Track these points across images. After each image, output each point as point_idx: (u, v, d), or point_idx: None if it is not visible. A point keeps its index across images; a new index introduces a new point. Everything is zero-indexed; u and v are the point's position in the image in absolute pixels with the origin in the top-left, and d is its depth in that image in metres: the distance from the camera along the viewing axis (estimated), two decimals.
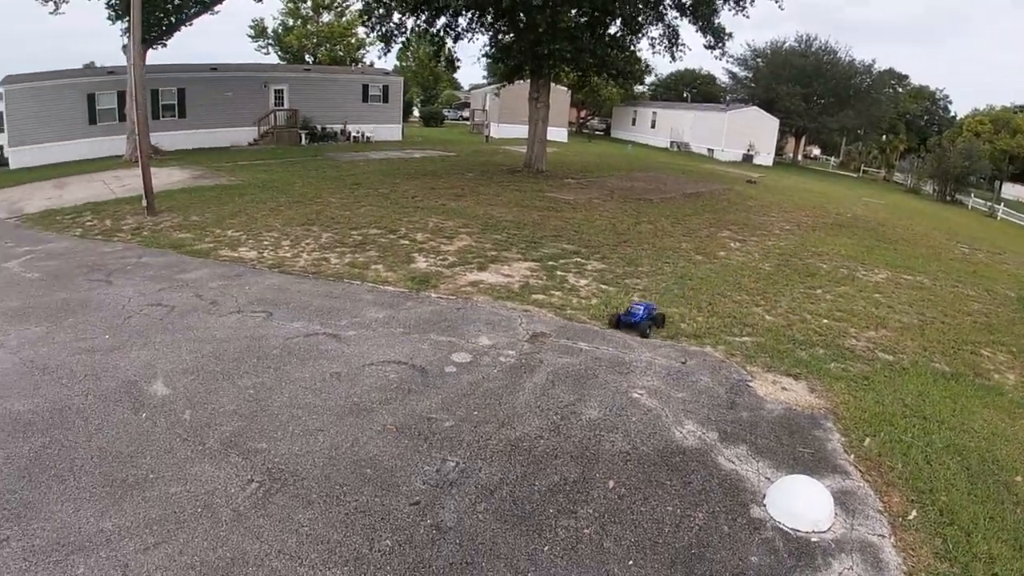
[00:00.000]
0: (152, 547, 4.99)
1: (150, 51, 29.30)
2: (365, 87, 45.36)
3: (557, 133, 37.98)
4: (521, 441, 6.20)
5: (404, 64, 70.41)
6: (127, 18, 28.12)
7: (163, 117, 36.20)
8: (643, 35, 27.70)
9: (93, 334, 9.25)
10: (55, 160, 33.43)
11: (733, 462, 5.96)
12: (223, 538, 5.01)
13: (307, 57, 64.57)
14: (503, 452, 6.01)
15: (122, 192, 22.24)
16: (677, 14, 26.34)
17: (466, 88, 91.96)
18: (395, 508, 5.23)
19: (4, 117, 35.15)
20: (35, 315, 10.24)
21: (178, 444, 6.33)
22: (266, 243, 13.92)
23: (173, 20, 32.07)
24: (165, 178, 21.98)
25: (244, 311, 9.76)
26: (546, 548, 4.82)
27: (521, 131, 44.37)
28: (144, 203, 17.66)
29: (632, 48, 28.28)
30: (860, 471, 6.05)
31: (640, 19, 26.63)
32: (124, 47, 31.31)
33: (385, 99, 46.08)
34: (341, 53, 66.36)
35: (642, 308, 9.12)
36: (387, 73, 49.25)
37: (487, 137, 50.69)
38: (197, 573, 4.70)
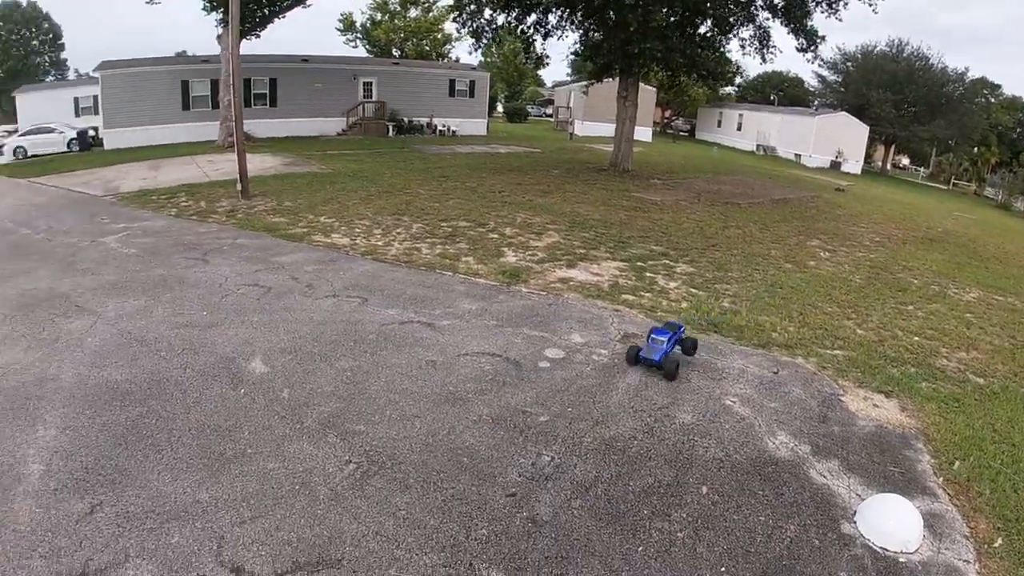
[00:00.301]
0: (249, 520, 5.04)
1: (243, 41, 30.08)
2: (452, 82, 45.71)
3: (642, 132, 37.54)
4: (615, 441, 6.10)
5: (489, 60, 70.61)
6: (222, 9, 28.97)
7: (255, 105, 37.22)
8: (734, 36, 27.19)
9: (191, 310, 9.48)
10: (148, 143, 34.78)
11: (824, 476, 5.76)
12: (320, 516, 5.04)
13: (394, 51, 65.46)
14: (597, 450, 5.92)
15: (216, 176, 22.86)
16: (769, 15, 25.73)
17: (549, 85, 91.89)
18: (491, 498, 5.20)
19: (100, 100, 36.91)
20: (132, 289, 10.54)
21: (276, 421, 6.40)
22: (358, 231, 14.08)
23: (267, 12, 32.85)
24: (258, 164, 22.52)
25: (339, 295, 9.88)
26: (640, 549, 4.73)
27: (605, 129, 44.02)
28: (239, 187, 18.13)
29: (722, 49, 27.80)
30: (948, 494, 5.79)
31: (731, 20, 26.12)
32: (219, 37, 32.21)
33: (471, 94, 46.36)
34: (427, 48, 67.04)
35: (666, 338, 7.55)
36: (474, 68, 49.49)
37: (571, 135, 50.45)
38: (293, 549, 4.73)
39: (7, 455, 6.19)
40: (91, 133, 37.65)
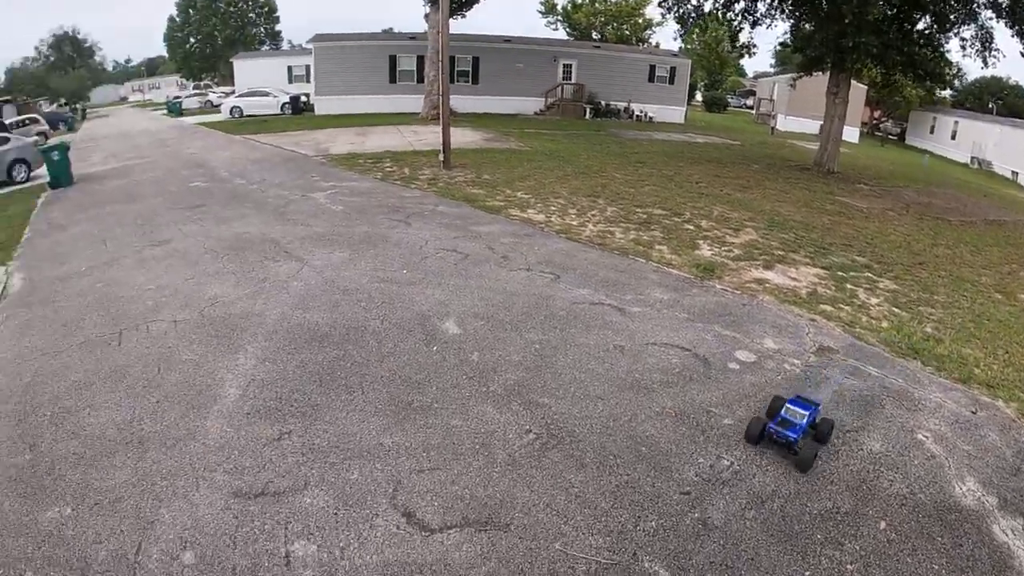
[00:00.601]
0: (427, 471, 5.21)
1: (449, 20, 31.32)
2: (652, 67, 45.00)
3: (848, 132, 34.98)
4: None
5: (690, 47, 68.89)
6: None
7: (458, 82, 38.68)
8: (954, 34, 24.82)
9: (391, 267, 9.93)
10: (355, 111, 37.42)
11: (1007, 534, 5.07)
12: (495, 479, 5.12)
13: (594, 34, 65.60)
14: (779, 464, 5.58)
15: (419, 145, 23.84)
16: (992, 14, 23.31)
17: (751, 75, 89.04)
18: (665, 493, 5.06)
19: (312, 70, 40.47)
20: (338, 242, 11.17)
21: (464, 381, 6.57)
22: (553, 209, 14.16)
23: None
24: (459, 137, 23.17)
25: (533, 269, 9.98)
26: (807, 574, 4.45)
27: (808, 126, 41.94)
28: (441, 157, 18.82)
29: (941, 48, 25.50)
30: None
31: (951, 17, 23.90)
32: (426, 16, 33.66)
33: (671, 81, 45.44)
34: (627, 32, 66.69)
35: (807, 413, 5.95)
36: (674, 55, 48.43)
37: (772, 129, 48.26)
38: (465, 505, 4.84)
39: (207, 376, 6.76)
40: (303, 99, 41.17)
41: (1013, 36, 22.80)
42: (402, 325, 7.83)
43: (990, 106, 66.62)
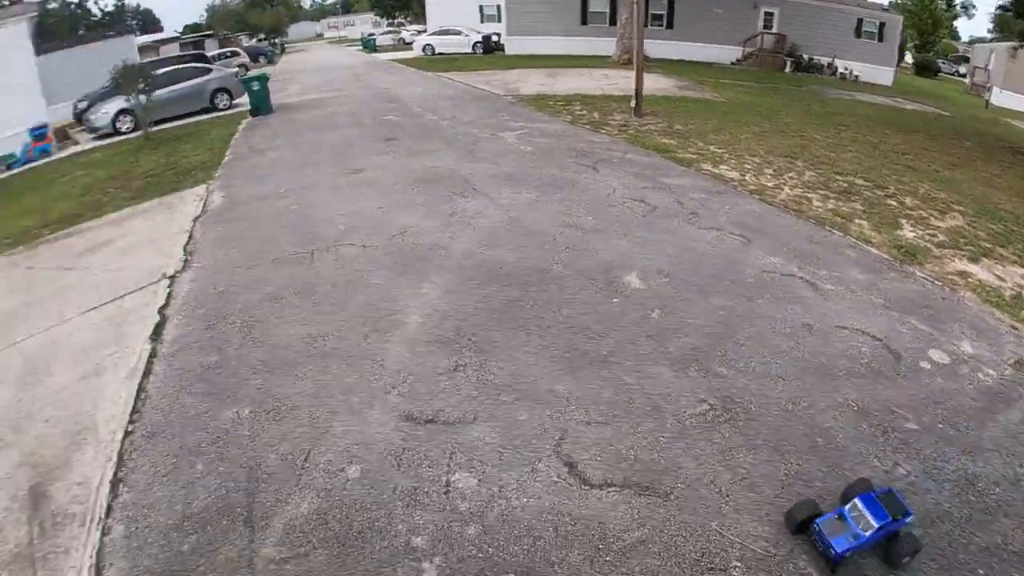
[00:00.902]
0: (594, 424, 5.20)
1: None
2: (860, 21, 41.64)
3: None
4: (977, 480, 5.05)
5: (900, 2, 63.46)
6: None
7: (651, 26, 37.41)
8: None
9: (577, 213, 9.89)
10: (545, 52, 37.69)
11: None
12: (662, 445, 5.02)
13: None
14: (956, 483, 4.98)
15: (609, 90, 23.44)
16: None
17: (965, 40, 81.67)
18: (834, 491, 4.68)
19: (504, 9, 41.21)
20: (525, 183, 11.25)
21: (643, 339, 6.46)
22: (747, 167, 13.49)
23: None
24: (650, 83, 22.58)
25: (723, 230, 9.56)
26: None
27: None
28: (632, 103, 18.40)
29: None
30: None
31: None
32: None
33: (880, 38, 42.00)
34: None
35: (879, 525, 4.05)
36: (884, 9, 44.53)
37: (987, 102, 43.97)
38: (628, 466, 4.79)
39: (393, 302, 7.08)
40: (493, 38, 41.76)
41: None
42: (584, 273, 7.79)
43: None
